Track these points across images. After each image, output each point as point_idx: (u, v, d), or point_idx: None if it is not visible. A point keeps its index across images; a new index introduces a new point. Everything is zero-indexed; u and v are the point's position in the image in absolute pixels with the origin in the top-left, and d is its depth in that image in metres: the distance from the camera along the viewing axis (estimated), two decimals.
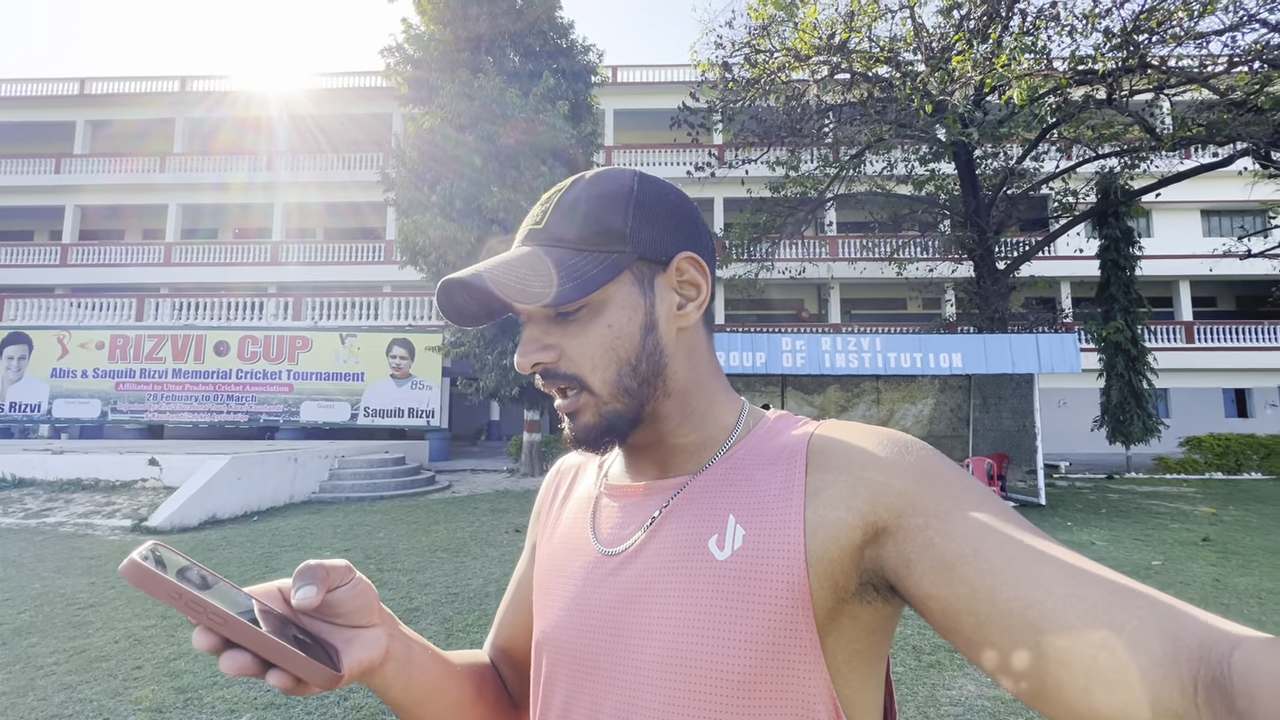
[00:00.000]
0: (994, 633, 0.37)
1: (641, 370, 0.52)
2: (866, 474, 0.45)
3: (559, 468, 0.69)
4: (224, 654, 0.39)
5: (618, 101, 22.08)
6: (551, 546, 0.60)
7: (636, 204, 0.52)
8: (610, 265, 0.50)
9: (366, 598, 0.47)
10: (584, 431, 0.52)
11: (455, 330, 13.60)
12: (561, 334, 0.52)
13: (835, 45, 10.99)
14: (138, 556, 0.37)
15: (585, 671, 0.51)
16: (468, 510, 9.07)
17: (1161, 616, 0.33)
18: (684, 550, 0.49)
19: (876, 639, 0.47)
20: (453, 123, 11.92)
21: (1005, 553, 0.38)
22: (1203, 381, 20.71)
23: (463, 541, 6.91)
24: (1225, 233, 20.48)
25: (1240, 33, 9.14)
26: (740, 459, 0.52)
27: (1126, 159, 13.17)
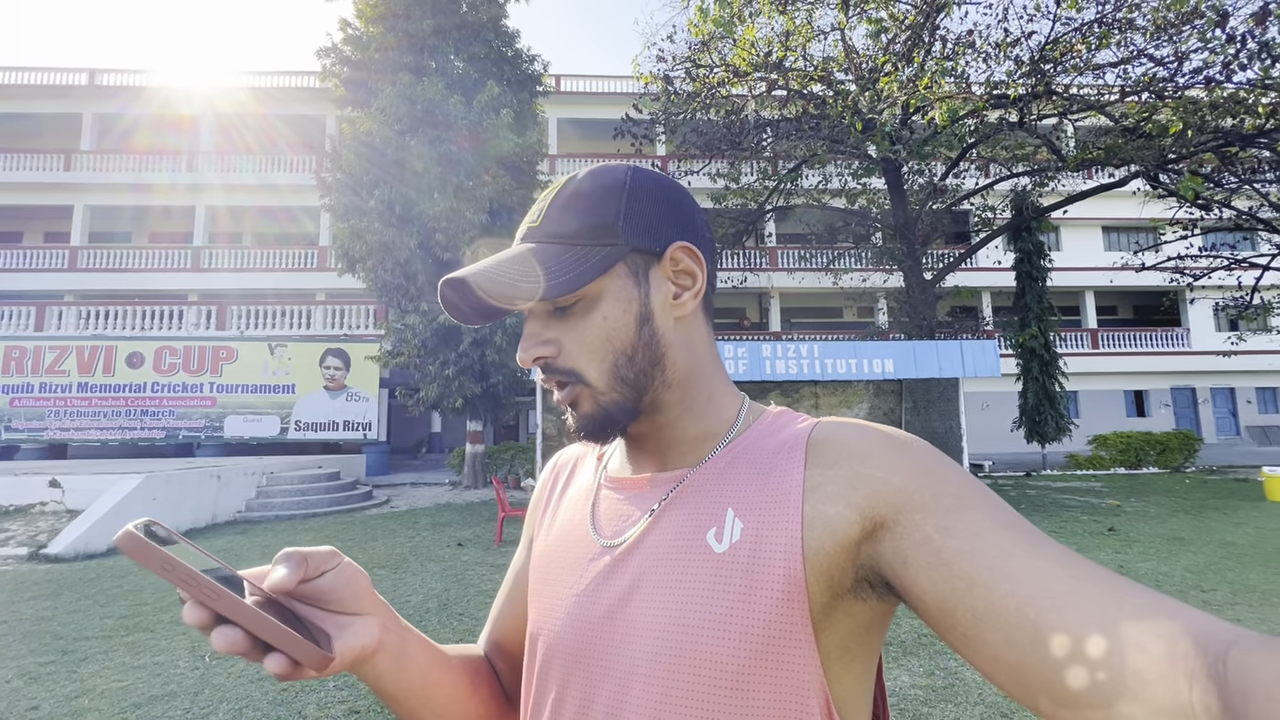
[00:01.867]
0: (990, 629, 0.37)
1: (638, 361, 0.52)
2: (866, 469, 0.45)
3: (556, 461, 0.69)
4: (215, 630, 0.38)
5: (562, 111, 22.09)
6: (549, 539, 0.60)
7: (629, 196, 0.53)
8: (603, 258, 0.51)
9: (357, 584, 0.46)
10: (584, 421, 0.53)
11: (394, 339, 13.19)
12: (560, 328, 0.52)
13: (772, 63, 11.39)
14: (132, 527, 0.37)
15: (578, 663, 0.50)
16: (407, 525, 8.79)
17: (1158, 615, 0.33)
18: (682, 543, 0.49)
19: (869, 637, 0.47)
20: (393, 126, 11.63)
21: (1003, 549, 0.38)
22: (1106, 384, 22.48)
23: (402, 557, 6.69)
24: (1123, 247, 22.35)
25: (1131, 66, 10.05)
26: (740, 452, 0.52)
27: (1037, 178, 14.19)
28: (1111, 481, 12.88)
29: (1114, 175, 12.62)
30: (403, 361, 12.79)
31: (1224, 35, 8.69)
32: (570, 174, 0.55)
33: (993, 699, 3.06)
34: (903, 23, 10.65)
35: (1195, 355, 22.37)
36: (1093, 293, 23.42)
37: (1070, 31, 9.89)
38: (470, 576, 5.75)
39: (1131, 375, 22.59)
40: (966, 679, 3.30)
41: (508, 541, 7.43)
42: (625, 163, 0.57)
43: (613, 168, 0.55)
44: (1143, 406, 22.95)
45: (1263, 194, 14.97)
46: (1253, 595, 4.70)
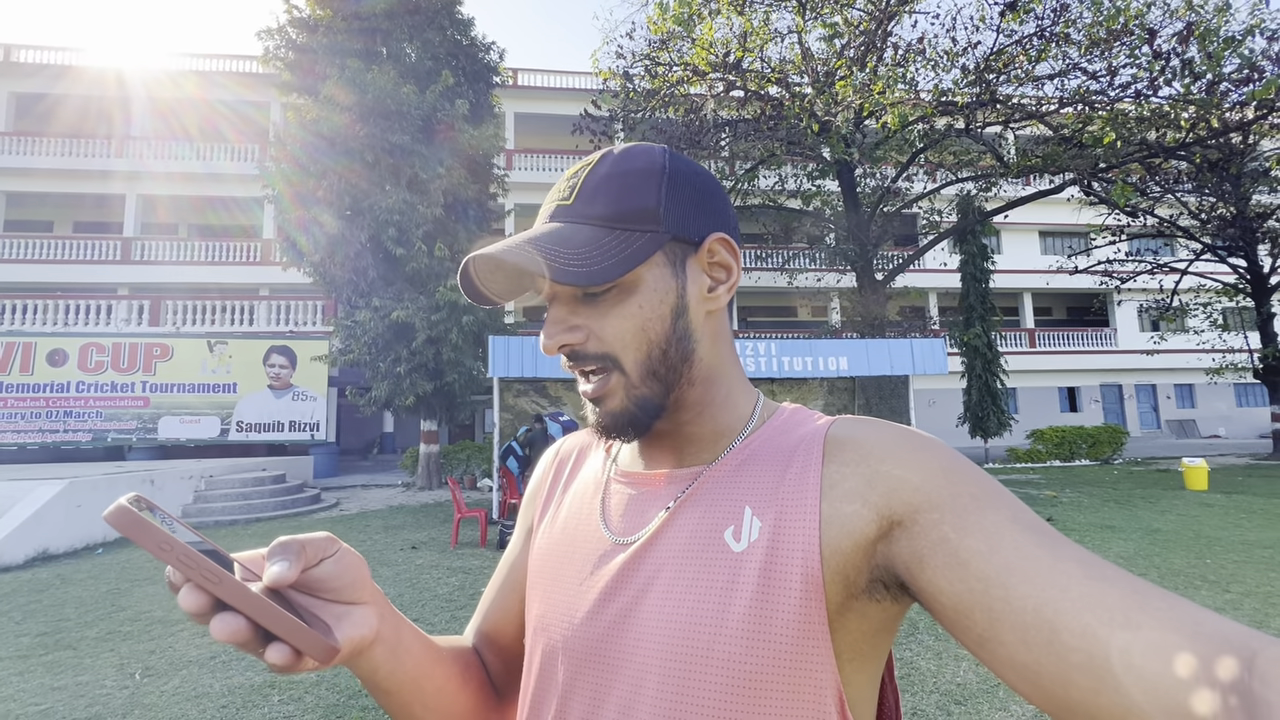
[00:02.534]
0: (1007, 630, 0.36)
1: (671, 356, 0.50)
2: (884, 468, 0.45)
3: (559, 450, 0.66)
4: (215, 617, 0.35)
5: (519, 105, 21.76)
6: (553, 532, 0.58)
7: (669, 181, 0.50)
8: (645, 244, 0.49)
9: (357, 571, 0.44)
10: (612, 418, 0.51)
11: (344, 336, 12.73)
12: (589, 314, 0.50)
13: (730, 63, 11.50)
14: (125, 502, 0.34)
15: (588, 661, 0.49)
16: (357, 529, 8.50)
17: (1180, 620, 0.32)
18: (699, 541, 0.48)
19: (880, 639, 0.47)
20: (341, 115, 11.20)
21: (1021, 550, 0.38)
22: (1042, 381, 23.66)
23: None
24: (1058, 251, 23.58)
25: (1067, 78, 10.59)
26: (756, 449, 0.51)
27: (981, 183, 14.81)
28: (1048, 474, 13.56)
29: (1052, 182, 13.26)
30: (352, 359, 12.36)
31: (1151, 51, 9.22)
32: (603, 151, 0.53)
33: (947, 687, 3.15)
34: (857, 28, 10.91)
35: (1122, 354, 23.79)
36: (1030, 294, 24.60)
37: (1012, 43, 10.34)
38: (425, 580, 5.59)
39: (1065, 373, 23.85)
40: (922, 668, 3.39)
41: (463, 544, 7.26)
42: (655, 144, 0.54)
43: (648, 148, 0.52)
44: (1075, 402, 24.26)
45: (1183, 203, 16.00)
46: (1178, 579, 5.01)
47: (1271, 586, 4.71)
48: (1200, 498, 9.25)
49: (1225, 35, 9.63)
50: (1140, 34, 9.30)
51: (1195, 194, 15.73)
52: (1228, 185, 14.95)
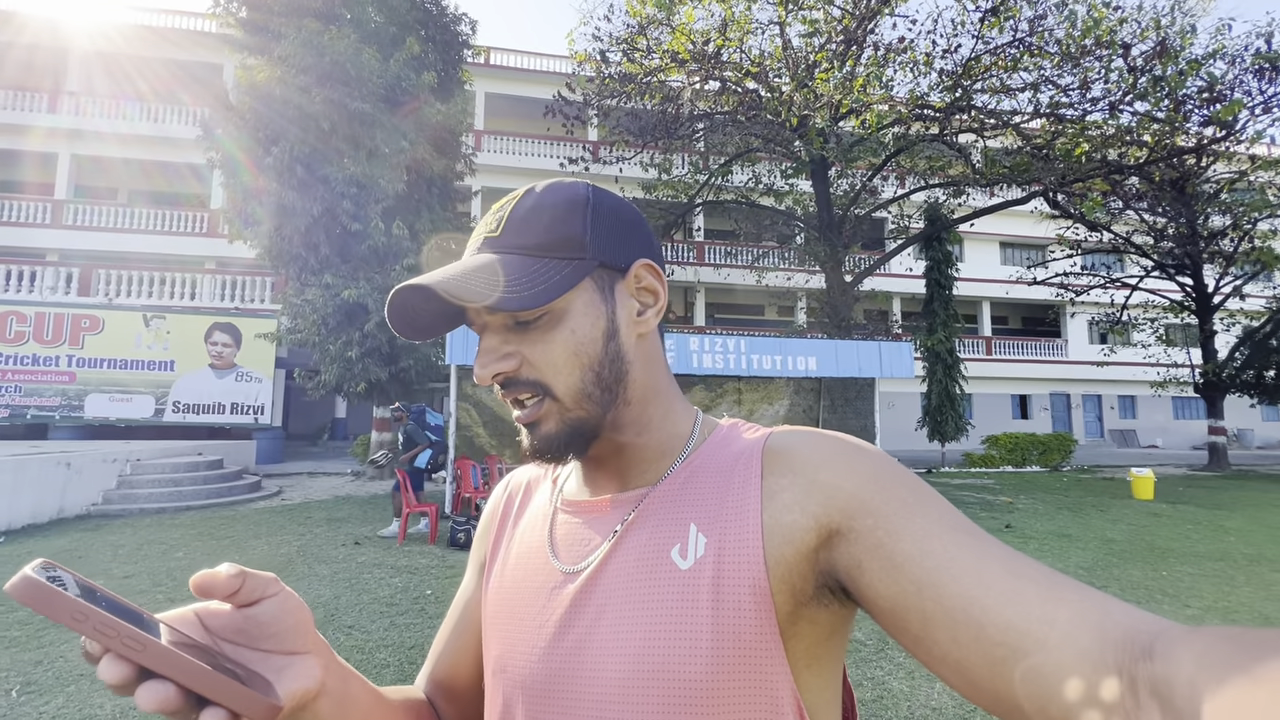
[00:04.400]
0: (938, 629, 0.38)
1: (605, 377, 0.51)
2: (820, 477, 0.45)
3: (508, 483, 0.66)
4: (142, 686, 0.33)
5: (490, 85, 21.08)
6: (505, 567, 0.57)
7: (593, 212, 0.52)
8: (573, 271, 0.49)
9: (298, 616, 0.41)
10: (545, 441, 0.51)
11: (292, 315, 12.03)
12: (521, 342, 0.50)
13: (709, 53, 11.24)
14: (31, 572, 0.32)
15: (548, 697, 0.48)
16: (298, 520, 7.97)
17: (1090, 610, 0.34)
18: (647, 563, 0.48)
19: (833, 643, 0.47)
20: (296, 78, 10.49)
21: (949, 552, 0.39)
22: (997, 388, 24.31)
23: (288, 558, 5.98)
24: (1017, 262, 24.18)
25: (1039, 91, 10.69)
26: (698, 467, 0.52)
27: (950, 191, 14.96)
28: (1001, 479, 13.83)
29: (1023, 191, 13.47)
30: (300, 339, 11.69)
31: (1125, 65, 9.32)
32: (526, 186, 0.54)
33: (921, 712, 2.96)
34: (838, 24, 10.78)
35: (1072, 364, 24.63)
36: (989, 302, 25.24)
37: (989, 51, 10.37)
38: (366, 581, 5.19)
39: (1018, 380, 24.56)
40: (895, 689, 3.21)
41: (412, 539, 6.85)
42: (579, 179, 0.55)
43: (571, 183, 0.54)
44: (1026, 409, 25.02)
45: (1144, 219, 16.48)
46: (1138, 591, 5.00)
47: (1228, 601, 4.73)
48: (1148, 507, 9.48)
49: (1190, 57, 9.85)
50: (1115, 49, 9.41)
51: (1151, 212, 16.27)
52: (1182, 205, 15.48)
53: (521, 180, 20.78)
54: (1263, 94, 10.31)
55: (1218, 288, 16.74)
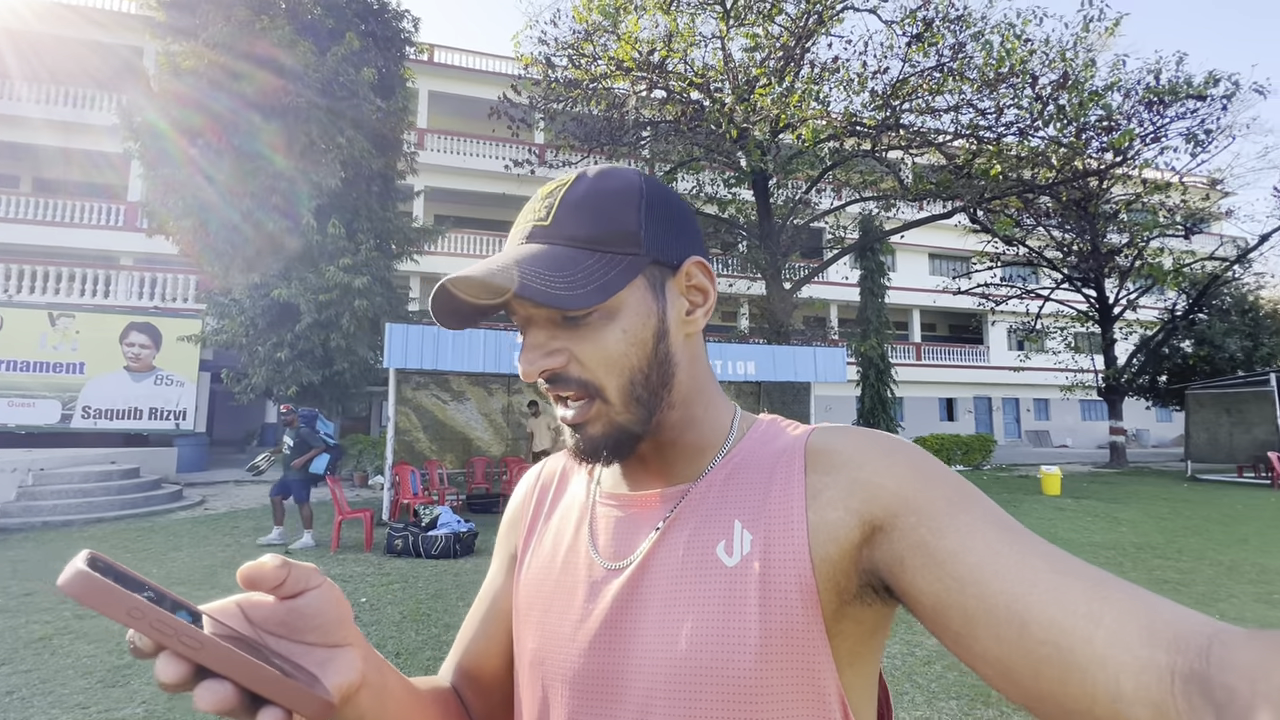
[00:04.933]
0: (980, 626, 0.37)
1: (652, 380, 0.50)
2: (862, 475, 0.46)
3: (539, 473, 0.65)
4: (200, 686, 0.32)
5: (434, 83, 20.68)
6: (540, 559, 0.57)
7: (647, 204, 0.50)
8: (628, 267, 0.48)
9: (340, 608, 0.40)
10: (592, 444, 0.50)
11: (218, 315, 11.47)
12: (569, 338, 0.49)
13: (655, 63, 11.45)
14: (84, 565, 0.30)
15: (590, 691, 0.48)
16: (223, 531, 7.62)
17: (1140, 609, 0.33)
18: (692, 559, 0.48)
19: (874, 641, 0.48)
20: (226, 68, 10.04)
21: (993, 548, 0.39)
22: (925, 392, 25.61)
23: (211, 570, 5.73)
24: (944, 273, 25.59)
25: (961, 112, 11.42)
26: (739, 463, 0.52)
27: (882, 204, 15.73)
28: None
29: (945, 207, 14.31)
30: (226, 341, 11.15)
31: (1033, 94, 10.10)
32: (577, 171, 0.52)
33: None
34: (777, 41, 11.20)
35: (993, 369, 26.22)
36: (918, 311, 26.57)
37: (916, 74, 11.01)
38: None
39: (945, 385, 25.95)
40: None
41: (345, 548, 6.68)
42: (632, 167, 0.54)
43: (624, 171, 0.52)
44: (952, 412, 26.47)
45: (1052, 236, 17.79)
46: None
47: None
48: (1055, 502, 10.26)
49: (1090, 89, 10.77)
50: (1025, 77, 10.18)
51: (1059, 229, 17.59)
52: (1085, 223, 16.82)
53: (466, 181, 20.46)
54: (1152, 124, 11.38)
55: (1117, 299, 18.27)
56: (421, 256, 14.84)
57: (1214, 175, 18.35)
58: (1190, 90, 11.01)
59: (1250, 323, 17.81)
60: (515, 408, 11.53)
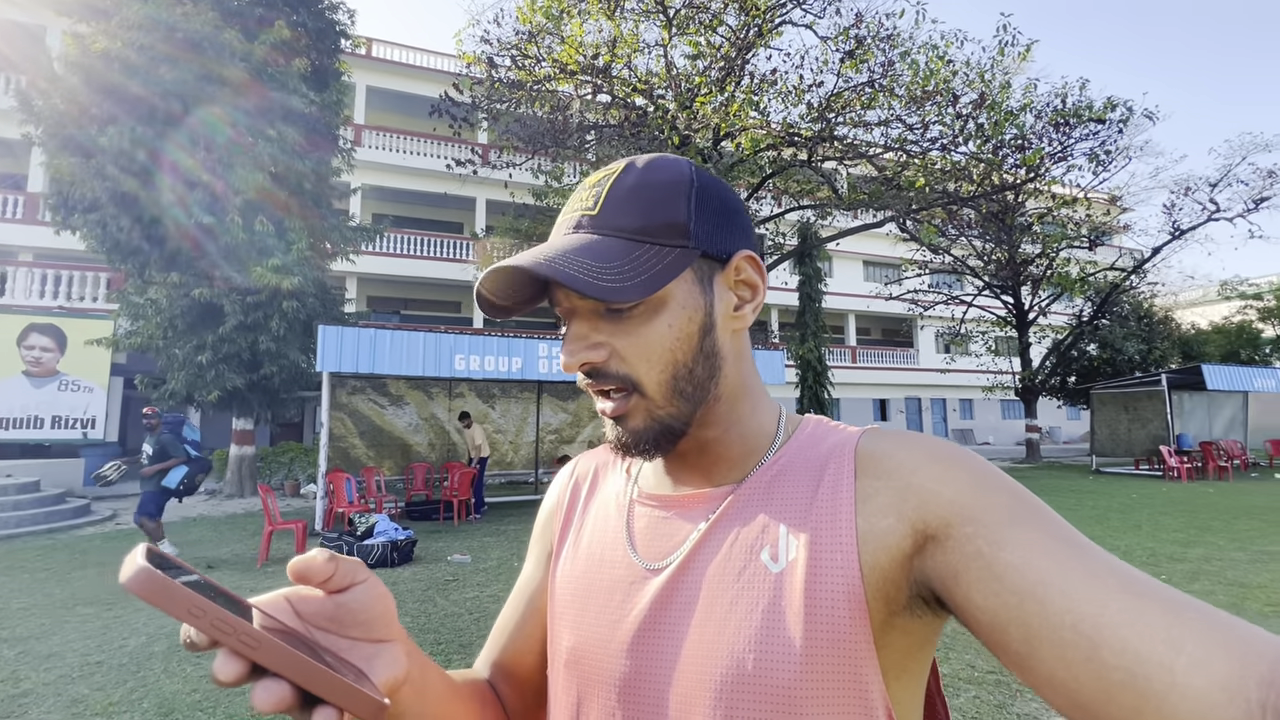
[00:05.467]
0: (1044, 646, 0.35)
1: (697, 374, 0.49)
2: (916, 481, 0.44)
3: (574, 469, 0.64)
4: (258, 685, 0.31)
5: (372, 78, 20.03)
6: (576, 558, 0.56)
7: (698, 196, 0.49)
8: (676, 260, 0.47)
9: (385, 603, 0.39)
10: (634, 437, 0.49)
11: (132, 316, 10.73)
12: (612, 331, 0.48)
13: (599, 67, 11.50)
14: (144, 561, 0.29)
15: (626, 693, 0.47)
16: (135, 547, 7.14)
17: (1227, 636, 0.31)
18: (736, 562, 0.47)
19: (922, 654, 0.46)
20: (141, 52, 9.43)
21: (1058, 562, 0.37)
22: (861, 393, 26.68)
23: (119, 589, 5.36)
24: (878, 279, 26.75)
25: (890, 127, 12.01)
26: (785, 465, 0.50)
27: (819, 212, 16.32)
28: None
29: (875, 217, 14.98)
30: (139, 343, 10.46)
31: (955, 112, 10.74)
32: (626, 160, 0.51)
33: None
34: (718, 51, 11.47)
35: (923, 371, 27.59)
36: (854, 315, 27.67)
37: (849, 89, 11.51)
38: None
39: (879, 386, 27.12)
40: None
41: (275, 560, 6.39)
42: (683, 158, 0.52)
43: (674, 160, 0.51)
44: (886, 413, 27.67)
45: (972, 246, 18.92)
46: None
47: None
48: None
49: (1005, 109, 11.55)
50: (947, 96, 10.82)
51: (981, 239, 18.74)
52: (1004, 235, 17.99)
53: (406, 179, 19.91)
54: (1060, 144, 12.31)
55: (1032, 306, 19.61)
56: (359, 256, 14.36)
57: (1114, 192, 20.00)
58: (1091, 114, 11.98)
59: (1145, 328, 19.47)
60: (458, 412, 11.32)
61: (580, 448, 12.15)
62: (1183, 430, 16.16)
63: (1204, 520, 8.07)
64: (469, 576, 5.59)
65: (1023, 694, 3.09)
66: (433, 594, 5.04)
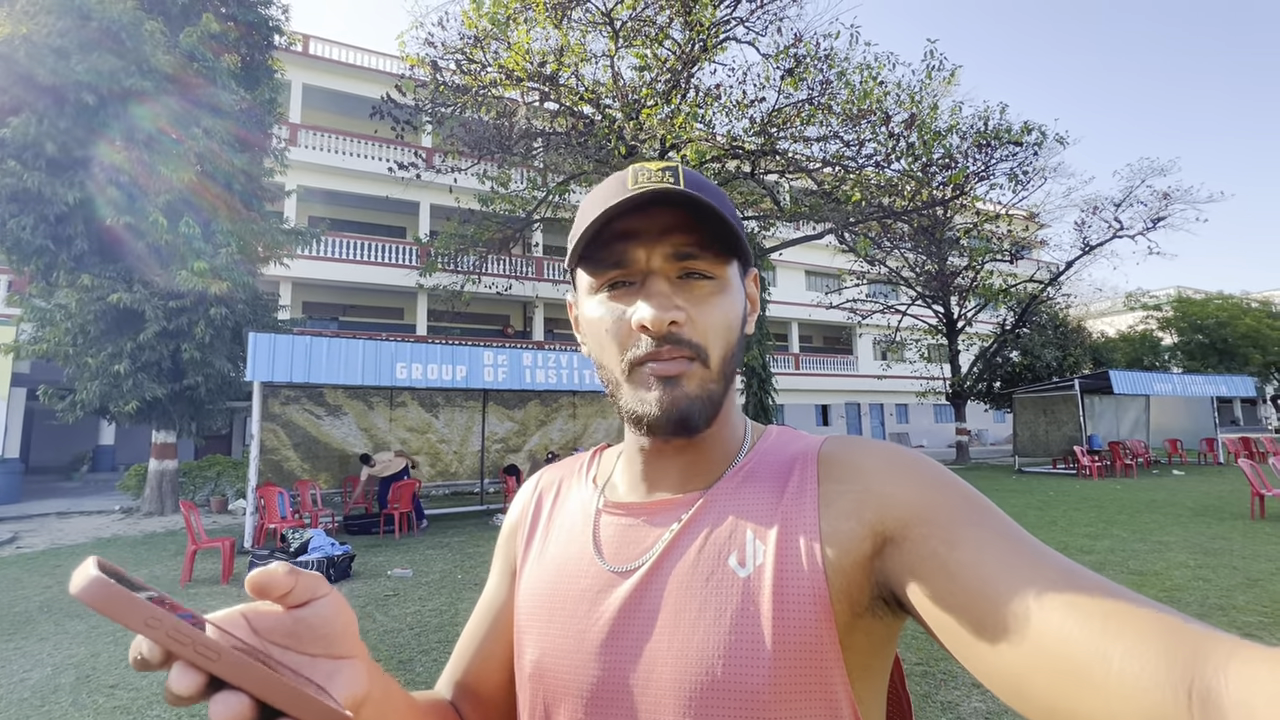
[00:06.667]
0: (993, 639, 0.36)
1: (731, 361, 0.50)
2: (875, 485, 0.45)
3: (538, 482, 0.64)
4: (216, 698, 0.30)
5: (310, 76, 19.32)
6: (542, 569, 0.55)
7: (733, 208, 0.51)
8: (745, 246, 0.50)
9: (345, 618, 0.38)
10: (688, 401, 0.48)
11: (37, 321, 9.94)
12: (686, 300, 0.49)
13: (545, 75, 11.50)
14: (97, 571, 0.28)
15: (596, 703, 0.47)
16: (42, 572, 6.61)
17: (1157, 625, 0.32)
18: (703, 568, 0.47)
19: (884, 654, 0.47)
20: (50, 40, 8.80)
21: (1006, 560, 0.38)
22: (803, 399, 27.47)
23: (26, 616, 4.96)
24: (819, 289, 27.69)
25: (828, 143, 12.51)
26: (750, 472, 0.51)
27: (762, 223, 16.78)
28: None
29: (815, 229, 15.53)
30: (45, 351, 9.70)
31: (887, 131, 11.29)
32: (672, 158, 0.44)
33: None
34: (664, 64, 11.67)
35: (861, 378, 28.67)
36: (797, 323, 28.50)
37: (790, 105, 11.93)
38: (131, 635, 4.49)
39: (820, 392, 28.00)
40: None
41: (199, 580, 6.04)
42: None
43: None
44: (827, 418, 28.59)
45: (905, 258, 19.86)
46: None
47: None
48: None
49: (934, 129, 12.23)
50: (880, 115, 11.36)
51: (913, 251, 19.70)
52: (934, 248, 18.97)
53: (345, 182, 19.25)
54: (983, 163, 13.13)
55: (960, 315, 20.74)
56: (294, 260, 13.78)
57: (1032, 209, 21.44)
58: (1010, 137, 12.84)
59: (1061, 336, 20.90)
60: (399, 421, 10.99)
61: (527, 456, 12.01)
62: (1094, 431, 17.42)
63: (1111, 515, 8.73)
64: (410, 591, 5.45)
65: (946, 684, 3.28)
66: (371, 610, 4.88)
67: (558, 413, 12.59)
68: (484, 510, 10.69)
